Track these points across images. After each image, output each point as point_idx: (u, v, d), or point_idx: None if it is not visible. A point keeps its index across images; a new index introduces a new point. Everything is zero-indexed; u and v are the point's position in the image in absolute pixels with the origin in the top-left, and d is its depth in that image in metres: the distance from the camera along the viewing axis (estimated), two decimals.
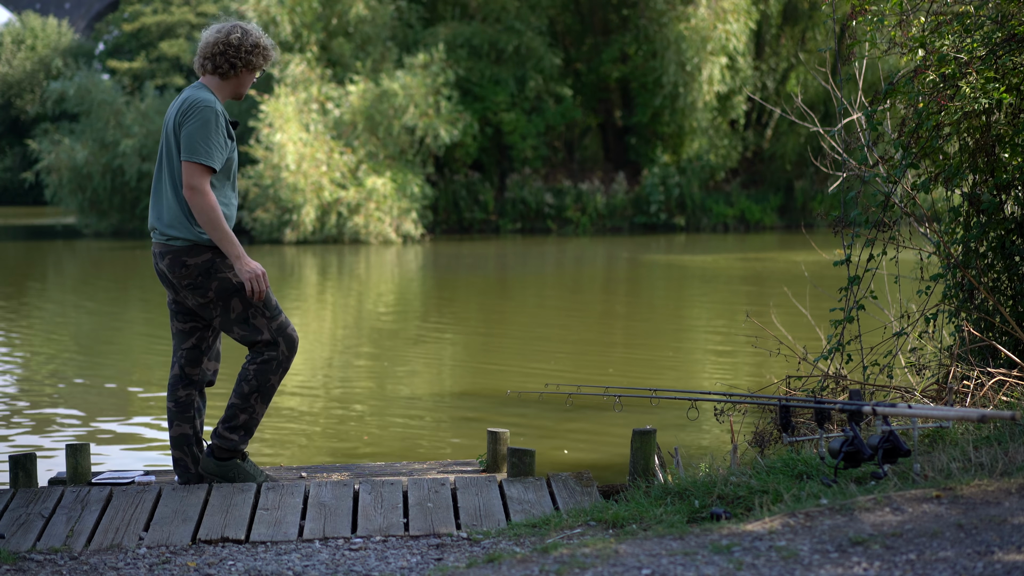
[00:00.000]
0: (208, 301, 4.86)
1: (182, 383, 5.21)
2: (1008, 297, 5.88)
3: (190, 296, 4.85)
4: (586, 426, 8.17)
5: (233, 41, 4.83)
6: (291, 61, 27.90)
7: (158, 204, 4.83)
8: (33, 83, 49.50)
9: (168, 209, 4.79)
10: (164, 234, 4.79)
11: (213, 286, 4.82)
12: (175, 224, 4.77)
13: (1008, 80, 5.57)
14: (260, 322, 4.91)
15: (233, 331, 4.94)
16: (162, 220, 4.80)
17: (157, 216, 4.84)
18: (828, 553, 3.22)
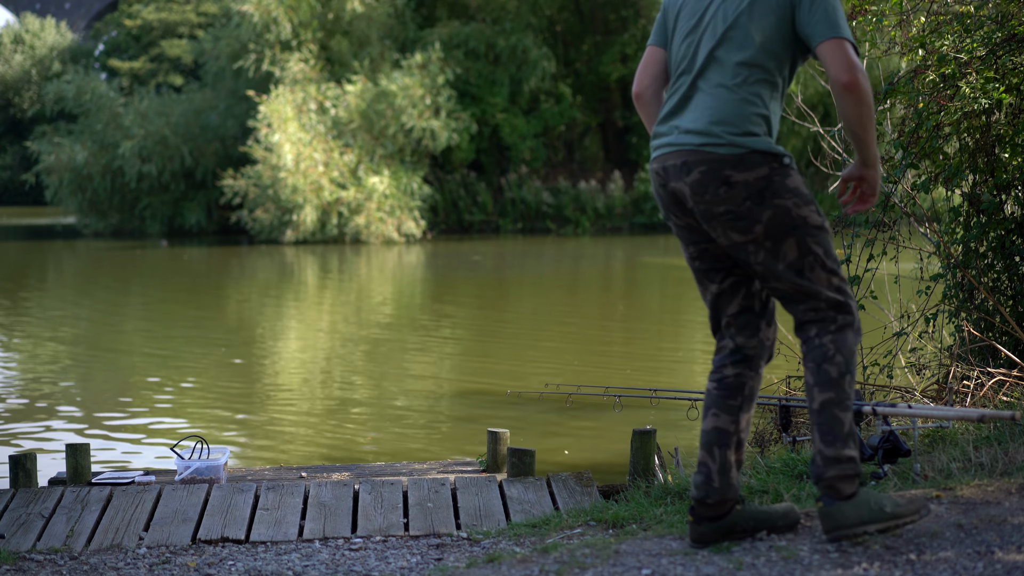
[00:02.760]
0: (751, 239, 3.30)
1: (732, 360, 3.53)
2: (1008, 297, 5.88)
3: (723, 230, 3.32)
4: (586, 426, 8.17)
5: None
6: (290, 60, 27.90)
7: (687, 99, 3.38)
8: (31, 83, 49.52)
9: (718, 104, 3.31)
10: (704, 134, 3.30)
11: (765, 216, 3.27)
12: (727, 121, 3.29)
13: (1008, 80, 5.57)
14: (819, 275, 3.33)
15: (780, 282, 3.35)
16: (701, 118, 3.31)
17: (690, 114, 3.35)
18: (828, 553, 3.22)
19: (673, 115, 3.40)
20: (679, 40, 3.45)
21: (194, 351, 12.28)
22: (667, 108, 3.42)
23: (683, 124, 3.34)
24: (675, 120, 3.38)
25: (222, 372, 10.99)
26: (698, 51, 3.38)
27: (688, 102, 3.37)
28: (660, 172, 3.40)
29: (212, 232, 30.70)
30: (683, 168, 3.31)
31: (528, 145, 30.28)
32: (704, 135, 3.29)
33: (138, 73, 48.38)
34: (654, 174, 3.43)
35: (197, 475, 5.37)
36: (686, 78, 3.40)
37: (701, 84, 3.36)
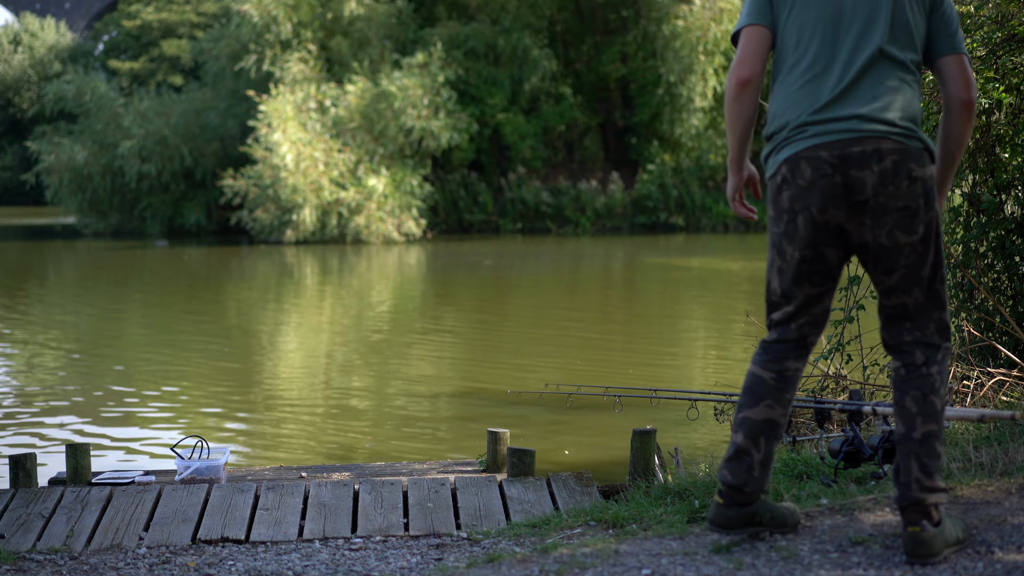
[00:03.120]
0: (913, 240, 3.19)
1: (797, 353, 3.37)
2: (1008, 297, 5.88)
3: (891, 228, 3.19)
4: (586, 426, 8.18)
5: None
6: (290, 60, 27.90)
7: (876, 85, 3.20)
8: (31, 83, 49.53)
9: (903, 98, 3.21)
10: (893, 124, 3.17)
11: (928, 219, 3.20)
12: (912, 116, 3.21)
13: (1008, 80, 5.57)
14: (943, 291, 3.29)
15: (914, 293, 3.25)
16: (887, 108, 3.18)
17: (870, 103, 3.18)
18: (828, 553, 3.22)
19: (841, 102, 3.20)
20: (811, 22, 3.27)
21: (194, 351, 12.28)
22: (825, 93, 3.22)
23: (865, 112, 3.17)
24: (847, 107, 3.19)
25: (222, 372, 10.99)
26: (861, 40, 3.22)
27: (855, 90, 3.20)
28: (836, 159, 3.17)
29: (212, 232, 30.70)
30: (874, 156, 3.15)
31: (528, 145, 30.28)
32: (893, 126, 3.17)
33: (138, 73, 48.38)
34: (822, 161, 3.18)
35: (197, 475, 5.37)
36: (842, 64, 3.22)
37: (872, 74, 3.21)
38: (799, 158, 3.22)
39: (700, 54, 29.20)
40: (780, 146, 3.28)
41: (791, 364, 3.36)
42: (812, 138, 3.20)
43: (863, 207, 3.18)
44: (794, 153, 3.23)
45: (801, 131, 3.23)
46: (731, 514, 3.34)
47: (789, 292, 3.33)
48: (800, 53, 3.28)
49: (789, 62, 3.30)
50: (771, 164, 3.33)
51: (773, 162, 3.32)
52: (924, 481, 3.18)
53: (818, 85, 3.24)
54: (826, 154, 3.18)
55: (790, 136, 3.25)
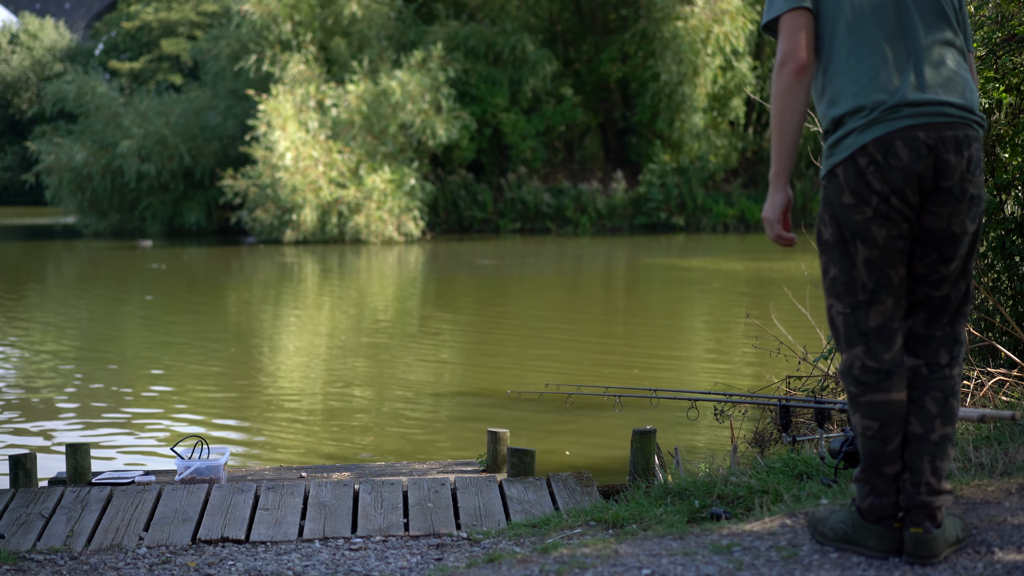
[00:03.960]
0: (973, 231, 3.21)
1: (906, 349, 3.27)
2: (1008, 297, 5.88)
3: (964, 215, 3.16)
4: (586, 426, 8.18)
5: None
6: (290, 60, 27.90)
7: (952, 71, 3.19)
8: (31, 83, 49.55)
9: (969, 83, 3.20)
10: (970, 110, 3.16)
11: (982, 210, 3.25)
12: (977, 103, 3.22)
13: (1008, 80, 5.57)
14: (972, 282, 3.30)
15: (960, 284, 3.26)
16: (964, 93, 3.16)
17: (946, 85, 3.16)
18: (828, 553, 3.22)
19: (927, 85, 3.14)
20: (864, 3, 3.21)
21: (194, 351, 12.28)
22: (907, 74, 3.16)
23: (954, 99, 3.14)
24: (935, 91, 3.14)
25: (222, 372, 10.99)
26: (929, 24, 3.20)
27: (937, 74, 3.16)
28: (934, 140, 3.10)
29: (212, 232, 30.70)
30: (964, 141, 3.11)
31: (529, 145, 30.28)
32: (971, 112, 3.15)
33: (138, 73, 48.39)
34: (920, 142, 3.10)
35: (197, 475, 5.37)
36: (916, 47, 3.18)
37: (947, 59, 3.18)
38: (894, 138, 3.11)
39: (701, 54, 29.20)
40: (864, 127, 3.13)
41: (911, 361, 3.24)
42: (907, 119, 3.10)
43: (946, 193, 3.12)
44: (887, 133, 3.11)
45: (894, 111, 3.11)
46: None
47: (886, 281, 3.18)
48: (861, 33, 3.18)
49: (848, 41, 3.20)
50: (848, 146, 3.15)
51: (853, 143, 3.14)
52: (934, 484, 3.15)
53: (896, 66, 3.14)
54: (923, 135, 3.10)
55: (878, 117, 3.12)
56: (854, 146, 3.13)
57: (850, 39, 3.19)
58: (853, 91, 3.16)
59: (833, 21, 3.23)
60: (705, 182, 31.41)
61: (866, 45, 3.17)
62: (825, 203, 3.22)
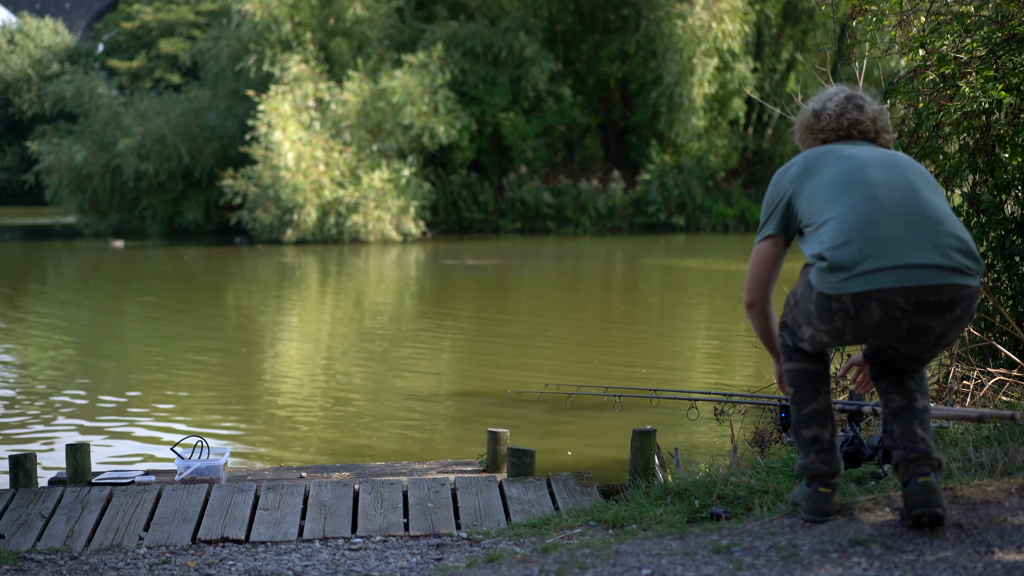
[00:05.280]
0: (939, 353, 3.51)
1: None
2: (1008, 297, 5.87)
3: (932, 349, 3.40)
4: (586, 426, 8.17)
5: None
6: (290, 60, 27.90)
7: (950, 223, 3.33)
8: (31, 83, 49.53)
9: (960, 233, 3.34)
10: (972, 270, 3.30)
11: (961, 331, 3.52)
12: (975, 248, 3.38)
13: (1008, 80, 5.57)
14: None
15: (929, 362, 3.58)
16: (957, 248, 3.30)
17: (953, 240, 3.30)
18: (828, 553, 3.22)
19: (916, 241, 3.36)
20: (854, 163, 3.56)
21: (194, 351, 12.28)
22: (897, 227, 3.36)
23: (943, 262, 3.35)
24: (924, 251, 3.35)
25: (222, 372, 10.99)
26: (910, 183, 3.48)
27: (927, 230, 3.40)
28: (912, 306, 3.30)
29: (211, 232, 30.70)
30: (948, 306, 3.33)
31: (529, 145, 30.27)
32: (968, 273, 3.37)
33: (137, 72, 48.38)
34: (896, 307, 3.29)
35: (197, 475, 5.37)
36: (895, 201, 3.43)
37: (928, 215, 3.41)
38: (870, 297, 3.24)
39: (700, 55, 29.18)
40: (848, 276, 3.25)
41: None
42: (888, 278, 3.23)
43: (918, 343, 3.32)
44: (865, 291, 3.24)
45: (876, 264, 3.24)
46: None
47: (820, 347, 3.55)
48: (852, 188, 3.37)
49: (837, 191, 3.39)
50: (829, 283, 3.29)
51: (834, 284, 3.28)
52: (929, 440, 3.38)
53: (884, 222, 3.28)
54: (902, 300, 3.23)
55: (862, 269, 3.24)
56: (833, 288, 3.27)
57: (838, 197, 3.36)
58: (838, 229, 3.30)
59: (827, 176, 3.44)
60: (705, 182, 31.41)
61: (856, 198, 3.34)
62: (802, 281, 3.46)
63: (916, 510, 3.28)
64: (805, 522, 3.56)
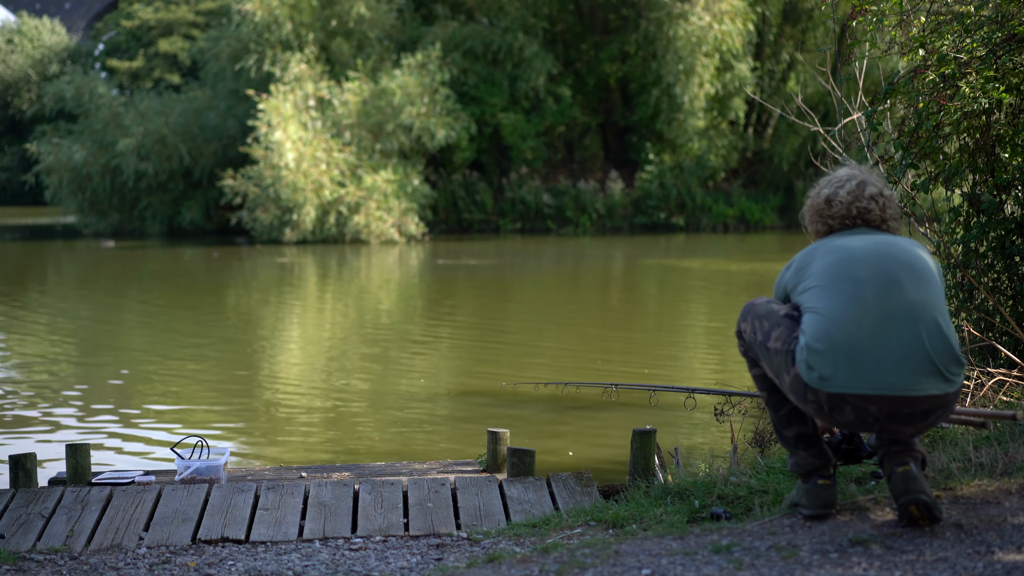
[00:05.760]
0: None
1: None
2: (1008, 297, 5.87)
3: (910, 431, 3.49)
4: (586, 426, 8.17)
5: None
6: (291, 60, 27.89)
7: (933, 324, 3.41)
8: (31, 83, 49.53)
9: (943, 341, 3.41)
10: (950, 381, 3.40)
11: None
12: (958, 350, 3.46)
13: (1008, 80, 5.57)
14: None
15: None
16: (955, 350, 3.41)
17: (947, 343, 3.40)
18: (828, 553, 3.22)
19: (887, 353, 3.49)
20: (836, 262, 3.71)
21: (194, 351, 12.27)
22: (872, 336, 3.50)
23: (910, 376, 3.47)
24: (895, 367, 3.48)
25: (222, 372, 10.99)
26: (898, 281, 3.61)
27: (894, 340, 3.53)
28: (884, 415, 3.44)
29: (211, 232, 30.70)
30: (921, 415, 3.47)
31: (529, 145, 30.26)
32: (946, 382, 3.48)
33: (136, 72, 48.37)
34: (869, 414, 3.44)
35: (197, 475, 5.37)
36: (879, 306, 3.57)
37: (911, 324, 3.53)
38: (845, 401, 3.38)
39: (701, 55, 29.17)
40: (827, 377, 3.37)
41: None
42: (863, 385, 3.35)
43: (886, 434, 3.47)
44: (840, 394, 3.37)
45: (854, 368, 3.35)
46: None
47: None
48: (837, 284, 3.49)
49: (822, 285, 3.52)
50: (809, 376, 3.40)
51: (813, 379, 3.40)
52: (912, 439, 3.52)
53: (867, 318, 3.40)
54: (875, 408, 3.37)
55: (838, 374, 3.36)
56: (808, 380, 3.40)
57: (825, 289, 3.49)
58: (821, 339, 3.40)
59: (815, 271, 3.58)
60: (705, 182, 31.40)
61: (840, 297, 3.45)
62: (778, 340, 3.53)
63: (901, 499, 3.34)
64: (807, 519, 3.56)
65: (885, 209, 3.73)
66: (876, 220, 3.71)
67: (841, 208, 3.71)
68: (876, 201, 3.71)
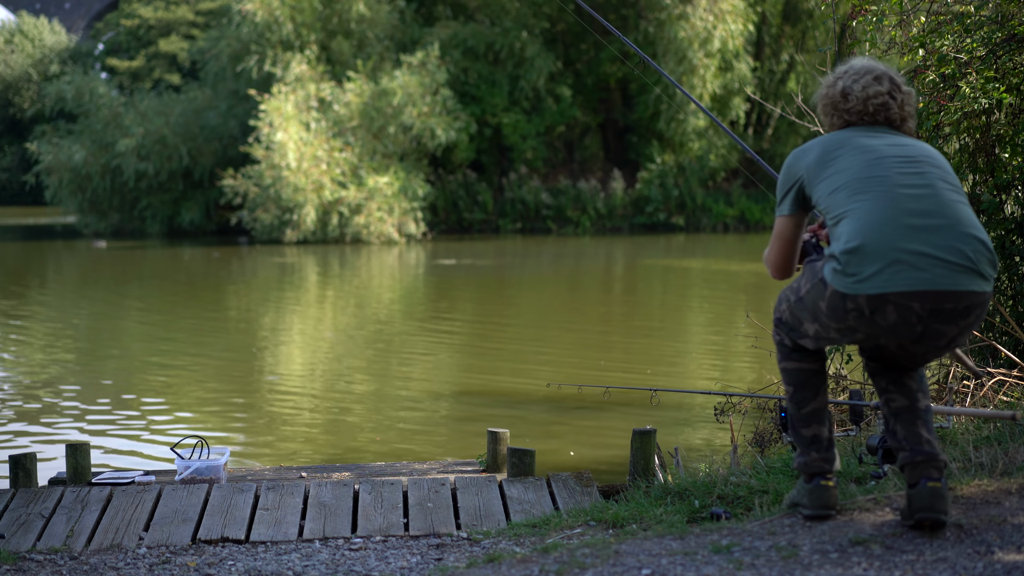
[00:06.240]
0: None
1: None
2: (1008, 297, 5.87)
3: (939, 352, 3.40)
4: (586, 426, 8.17)
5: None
6: (292, 60, 27.89)
7: (970, 224, 3.30)
8: (31, 83, 49.53)
9: (977, 236, 3.31)
10: (988, 277, 3.29)
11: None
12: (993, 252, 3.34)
13: (1008, 80, 5.57)
14: None
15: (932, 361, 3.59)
16: (983, 251, 3.28)
17: (973, 244, 3.27)
18: (828, 553, 3.22)
19: (935, 240, 3.33)
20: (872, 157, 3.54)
21: (194, 351, 12.27)
22: (915, 222, 3.35)
23: (963, 263, 3.32)
24: (944, 250, 3.32)
25: (222, 372, 10.99)
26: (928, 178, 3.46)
27: (936, 231, 3.37)
28: (927, 312, 3.27)
29: (211, 232, 30.70)
30: (963, 312, 3.32)
31: (529, 145, 30.26)
32: (985, 278, 3.34)
33: (136, 71, 48.37)
34: (912, 312, 3.27)
35: (197, 475, 5.37)
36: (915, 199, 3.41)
37: (948, 215, 3.38)
38: (887, 301, 3.22)
39: (702, 56, 29.16)
40: (864, 278, 3.23)
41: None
42: (905, 282, 3.20)
43: (927, 345, 3.31)
44: (882, 294, 3.22)
45: (894, 266, 3.21)
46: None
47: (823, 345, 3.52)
48: (871, 183, 3.34)
49: (857, 188, 3.35)
50: (845, 283, 3.26)
51: (850, 285, 3.25)
52: (934, 442, 3.38)
53: (904, 218, 3.26)
54: (918, 306, 3.21)
55: (878, 271, 3.22)
56: (845, 288, 3.25)
57: (857, 191, 3.33)
58: (856, 227, 3.27)
59: (844, 169, 3.39)
60: (705, 182, 31.40)
61: (873, 195, 3.31)
62: (812, 278, 3.40)
63: (920, 514, 3.27)
64: (807, 519, 3.55)
65: (904, 106, 3.54)
66: (895, 118, 3.52)
67: (857, 103, 3.51)
68: (894, 97, 3.52)
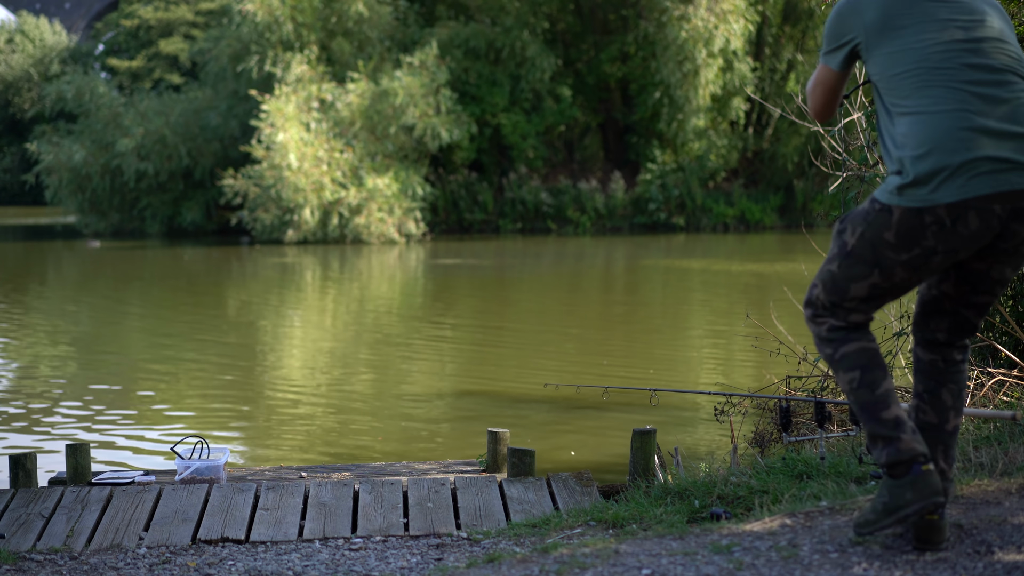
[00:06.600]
0: (1011, 275, 3.26)
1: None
2: (1008, 297, 5.87)
3: (1007, 265, 3.17)
4: (586, 426, 8.17)
5: None
6: (292, 60, 27.89)
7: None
8: (31, 83, 49.55)
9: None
10: None
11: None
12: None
13: None
14: None
15: (988, 307, 3.32)
16: None
17: None
18: (828, 553, 3.22)
19: (1009, 142, 3.07)
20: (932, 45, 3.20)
21: (194, 351, 12.28)
22: (989, 125, 3.07)
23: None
24: (1015, 152, 3.07)
25: (222, 372, 10.99)
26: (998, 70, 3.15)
27: (1008, 128, 3.08)
28: (1007, 212, 3.05)
29: (211, 232, 30.71)
30: None
31: (529, 145, 30.26)
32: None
33: (136, 72, 48.40)
34: (993, 215, 3.04)
35: (197, 475, 5.37)
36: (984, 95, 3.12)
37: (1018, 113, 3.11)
38: (969, 207, 2.99)
39: (703, 56, 29.14)
40: (938, 186, 2.99)
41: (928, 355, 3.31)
42: (984, 185, 2.98)
43: (1000, 251, 3.09)
44: (962, 200, 2.99)
45: (970, 169, 2.98)
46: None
47: (882, 302, 3.21)
48: (938, 78, 3.06)
49: (921, 83, 3.07)
50: (918, 196, 3.01)
51: (924, 197, 3.00)
52: (947, 472, 3.25)
53: (976, 117, 3.01)
54: (999, 208, 2.99)
55: (953, 173, 2.98)
56: (919, 202, 3.01)
57: (925, 82, 3.07)
58: (922, 137, 3.02)
59: (909, 48, 3.12)
60: (705, 182, 31.40)
61: (943, 91, 3.05)
62: (864, 218, 3.11)
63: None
64: (917, 517, 3.09)
65: None
66: None
67: None
68: None
